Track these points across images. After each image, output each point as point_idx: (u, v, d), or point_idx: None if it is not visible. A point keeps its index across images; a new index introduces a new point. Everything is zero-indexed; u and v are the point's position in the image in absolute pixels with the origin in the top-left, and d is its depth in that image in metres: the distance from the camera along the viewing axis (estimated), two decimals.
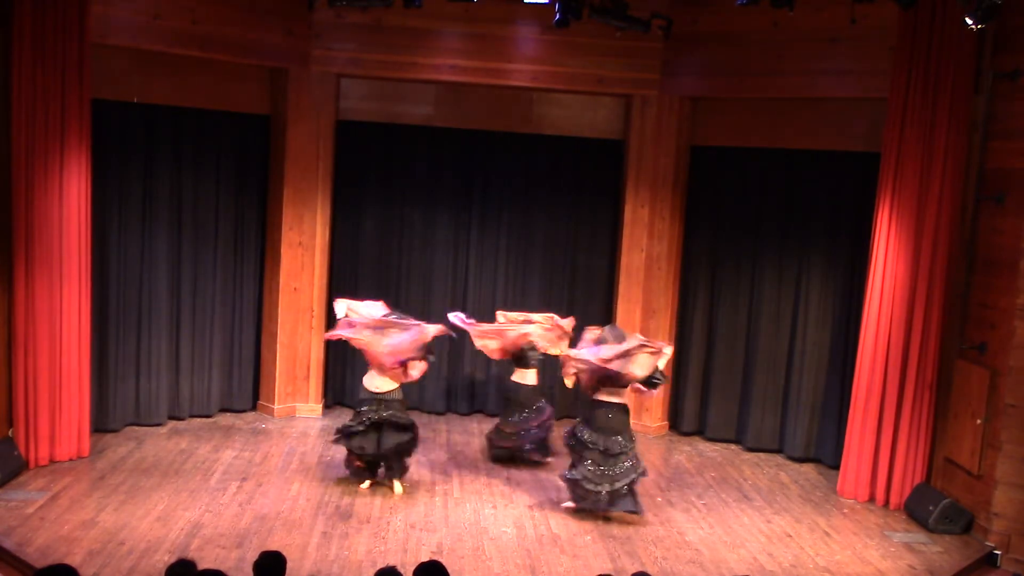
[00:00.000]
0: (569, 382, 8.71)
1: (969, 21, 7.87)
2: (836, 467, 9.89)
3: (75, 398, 9.00)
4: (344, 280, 11.44)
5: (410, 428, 8.76)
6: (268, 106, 10.85)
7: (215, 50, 9.83)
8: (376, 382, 8.72)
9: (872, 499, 9.33)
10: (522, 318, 10.01)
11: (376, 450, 8.64)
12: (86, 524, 7.63)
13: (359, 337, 8.70)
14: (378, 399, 8.65)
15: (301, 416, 11.02)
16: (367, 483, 8.84)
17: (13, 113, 8.36)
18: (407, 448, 8.81)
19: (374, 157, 11.37)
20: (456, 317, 9.72)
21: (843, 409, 9.85)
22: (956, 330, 8.88)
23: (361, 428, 8.61)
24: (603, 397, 8.39)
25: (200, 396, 10.77)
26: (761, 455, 10.74)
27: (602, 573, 6.81)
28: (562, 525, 8.33)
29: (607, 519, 8.47)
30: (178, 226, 10.39)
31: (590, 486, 8.27)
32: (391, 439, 8.62)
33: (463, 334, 9.87)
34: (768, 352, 10.80)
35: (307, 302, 10.96)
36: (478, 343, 9.87)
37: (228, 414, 10.96)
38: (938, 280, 8.90)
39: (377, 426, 8.60)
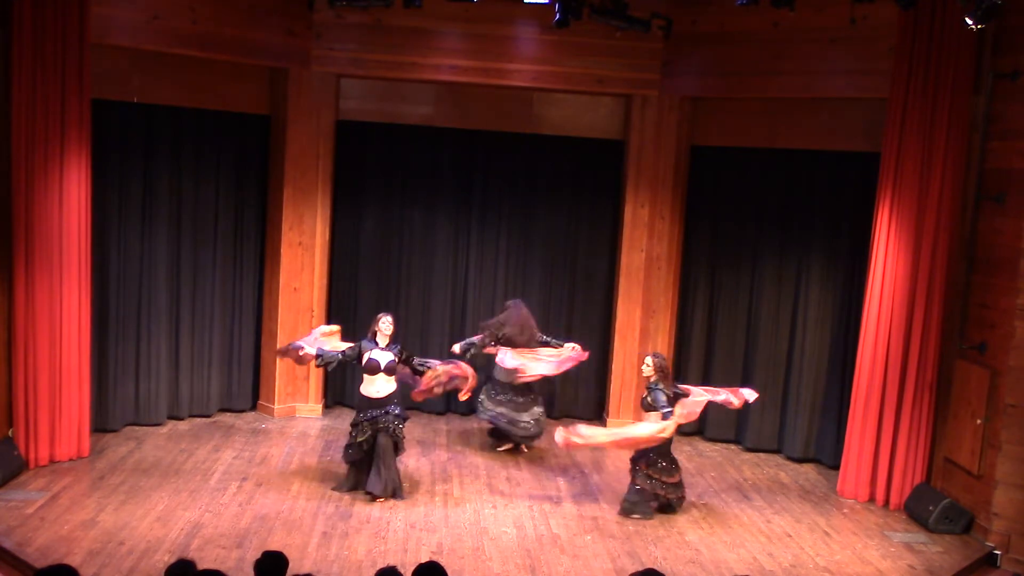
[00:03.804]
0: None
1: (969, 21, 7.88)
2: (836, 467, 9.89)
3: (75, 398, 9.00)
4: (344, 280, 11.44)
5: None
6: (268, 106, 10.85)
7: (215, 50, 9.83)
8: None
9: (872, 499, 9.33)
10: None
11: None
12: (86, 524, 7.63)
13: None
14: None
15: (301, 416, 11.01)
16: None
17: (13, 113, 8.35)
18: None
19: (374, 157, 11.37)
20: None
21: (843, 409, 9.85)
22: (956, 330, 8.88)
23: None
24: None
25: (200, 396, 10.77)
26: (760, 455, 10.74)
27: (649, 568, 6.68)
28: (562, 525, 8.33)
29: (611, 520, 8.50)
30: (178, 226, 10.39)
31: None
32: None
33: None
34: (768, 352, 10.80)
35: (307, 302, 10.96)
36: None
37: (228, 414, 10.96)
38: (938, 280, 8.90)
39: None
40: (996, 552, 8.24)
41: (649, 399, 8.51)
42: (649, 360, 8.63)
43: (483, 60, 10.70)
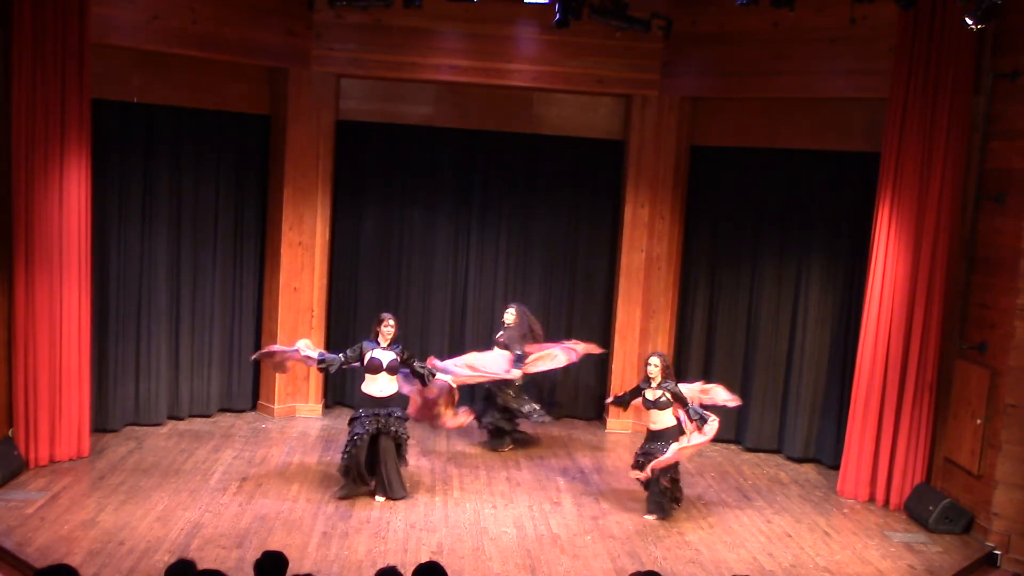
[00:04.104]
0: None
1: (969, 21, 7.88)
2: (836, 467, 9.89)
3: (75, 398, 9.00)
4: (344, 280, 11.44)
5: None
6: (268, 106, 10.85)
7: (215, 50, 9.83)
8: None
9: (872, 499, 9.33)
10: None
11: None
12: (86, 524, 7.64)
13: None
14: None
15: (301, 416, 11.01)
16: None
17: (13, 113, 8.35)
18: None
19: (374, 157, 11.37)
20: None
21: (843, 409, 9.85)
22: (956, 330, 8.88)
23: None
24: None
25: (200, 396, 10.77)
26: (761, 455, 10.73)
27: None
28: (562, 525, 8.33)
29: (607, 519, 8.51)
30: (178, 226, 10.39)
31: None
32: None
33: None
34: (768, 352, 10.80)
35: (307, 302, 10.96)
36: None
37: (228, 414, 10.96)
38: (938, 280, 8.90)
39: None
40: (996, 552, 8.24)
41: (666, 396, 8.51)
42: (657, 360, 8.62)
43: (483, 60, 10.70)
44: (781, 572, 7.68)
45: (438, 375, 8.93)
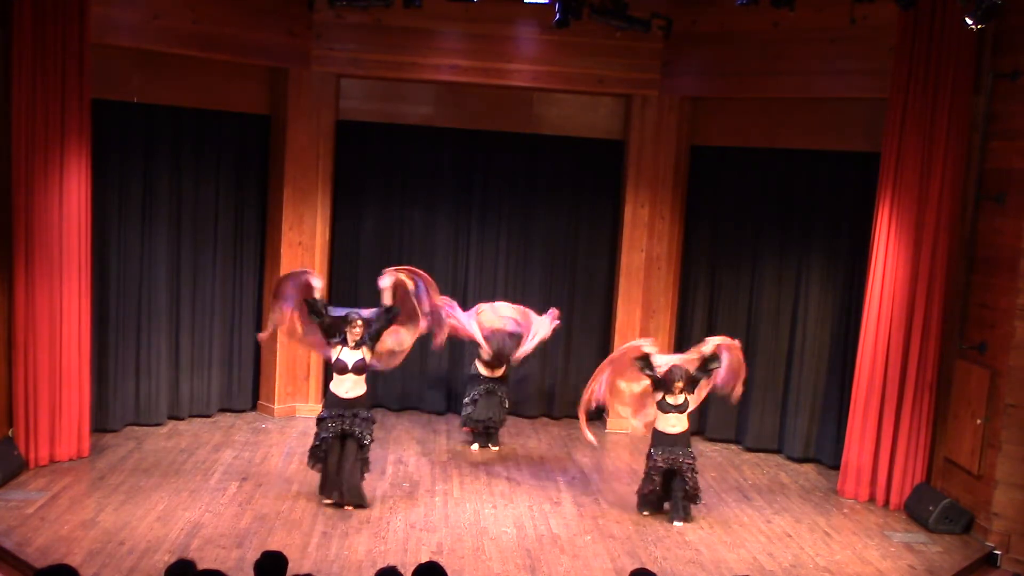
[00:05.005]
0: None
1: (969, 21, 7.89)
2: (836, 467, 9.89)
3: (75, 398, 9.00)
4: (344, 280, 11.44)
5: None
6: (268, 106, 10.85)
7: (215, 50, 9.83)
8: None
9: (872, 499, 9.33)
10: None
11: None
12: (86, 524, 7.64)
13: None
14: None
15: (301, 416, 11.00)
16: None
17: (13, 113, 8.36)
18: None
19: (374, 157, 11.37)
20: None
21: (843, 409, 9.85)
22: (956, 330, 8.88)
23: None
24: None
25: (200, 396, 10.77)
26: (761, 455, 10.74)
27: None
28: (562, 525, 8.33)
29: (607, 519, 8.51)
30: (178, 226, 10.39)
31: None
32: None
33: None
34: (768, 352, 10.81)
35: None
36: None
37: (228, 414, 10.96)
38: (938, 280, 8.90)
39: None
40: (996, 552, 8.24)
41: (688, 401, 8.63)
42: (683, 374, 8.62)
43: (483, 60, 10.70)
44: (781, 572, 7.68)
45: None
